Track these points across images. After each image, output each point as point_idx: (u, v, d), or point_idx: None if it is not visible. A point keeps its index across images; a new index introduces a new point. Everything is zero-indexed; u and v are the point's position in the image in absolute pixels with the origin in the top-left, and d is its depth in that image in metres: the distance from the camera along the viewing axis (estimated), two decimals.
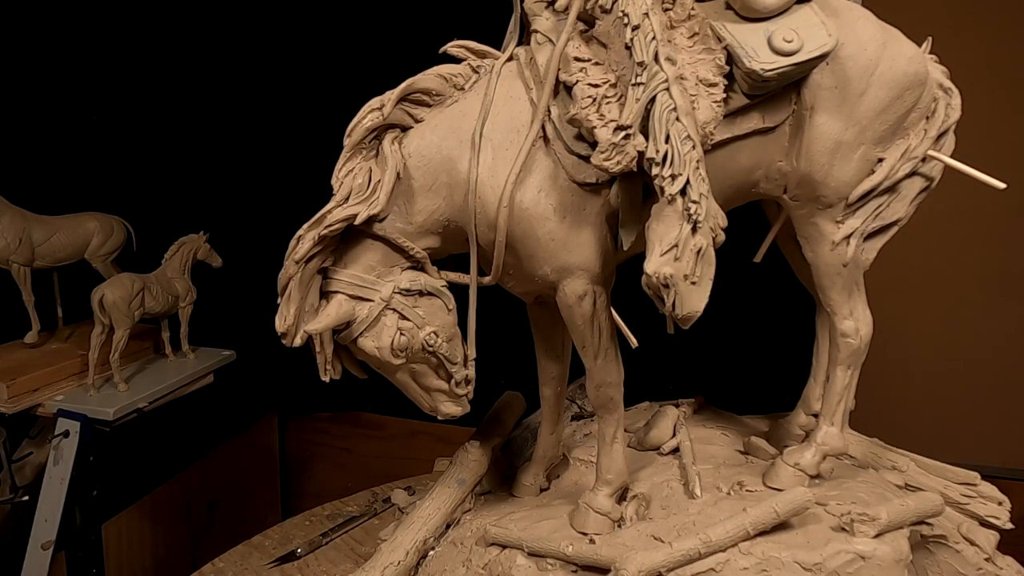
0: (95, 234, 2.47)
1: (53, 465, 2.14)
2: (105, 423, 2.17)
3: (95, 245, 2.47)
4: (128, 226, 2.58)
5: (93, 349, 2.23)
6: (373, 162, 1.25)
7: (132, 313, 2.26)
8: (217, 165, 2.83)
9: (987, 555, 1.38)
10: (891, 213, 1.32)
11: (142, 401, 2.25)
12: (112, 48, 2.81)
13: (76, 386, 2.30)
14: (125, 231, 2.57)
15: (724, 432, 1.59)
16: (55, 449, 2.14)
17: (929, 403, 2.44)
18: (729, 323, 1.93)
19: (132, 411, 2.22)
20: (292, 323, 1.22)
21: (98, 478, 2.19)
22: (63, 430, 2.14)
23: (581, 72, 1.18)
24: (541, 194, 1.21)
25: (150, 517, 2.37)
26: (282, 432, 3.06)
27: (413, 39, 1.70)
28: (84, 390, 2.26)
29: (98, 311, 2.21)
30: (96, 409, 2.17)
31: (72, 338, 2.51)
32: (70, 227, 2.44)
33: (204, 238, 2.55)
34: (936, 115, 1.30)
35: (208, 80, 2.79)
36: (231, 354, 2.64)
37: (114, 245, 2.53)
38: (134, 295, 2.26)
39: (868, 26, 1.25)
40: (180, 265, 2.48)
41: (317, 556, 1.77)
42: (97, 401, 2.21)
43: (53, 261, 2.42)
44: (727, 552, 1.21)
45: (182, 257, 2.49)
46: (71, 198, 2.58)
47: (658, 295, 1.09)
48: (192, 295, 2.50)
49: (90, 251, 2.47)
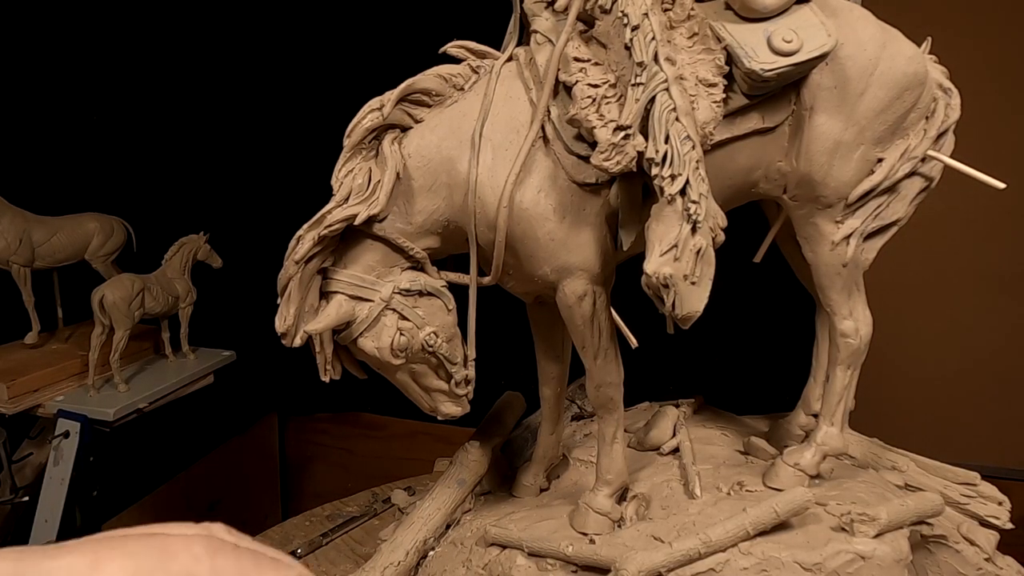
0: (95, 235, 2.48)
1: (53, 465, 2.15)
2: (105, 424, 2.17)
3: (95, 246, 2.48)
4: (128, 227, 2.59)
5: (93, 350, 2.23)
6: (373, 162, 1.25)
7: (132, 314, 2.26)
8: (217, 165, 2.84)
9: (987, 555, 1.39)
10: (891, 213, 1.33)
11: (142, 402, 2.25)
12: (112, 48, 2.81)
13: (76, 387, 2.30)
14: (125, 232, 2.57)
15: (724, 432, 1.59)
16: (55, 449, 2.14)
17: (929, 403, 2.44)
18: (729, 323, 1.94)
19: (132, 412, 2.22)
20: (292, 323, 1.23)
21: (98, 479, 2.20)
22: (63, 430, 2.15)
23: (581, 72, 1.19)
24: (541, 194, 1.22)
25: (150, 517, 2.36)
26: (282, 432, 3.07)
27: (413, 39, 1.70)
28: (84, 390, 2.27)
29: (98, 312, 2.22)
30: (96, 410, 2.18)
31: (72, 339, 2.52)
32: (70, 228, 2.44)
33: (204, 238, 2.55)
34: (936, 115, 1.31)
35: (208, 80, 2.79)
36: (231, 355, 2.65)
37: (114, 246, 2.53)
38: (134, 295, 2.27)
39: (867, 26, 1.26)
40: (180, 265, 2.48)
41: (317, 556, 1.77)
42: (97, 402, 2.22)
43: (53, 262, 2.42)
44: (727, 552, 1.22)
45: (182, 258, 2.49)
46: (71, 199, 2.59)
47: (658, 295, 1.09)
48: (192, 296, 2.50)
49: (90, 252, 2.48)
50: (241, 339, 2.67)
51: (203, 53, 2.77)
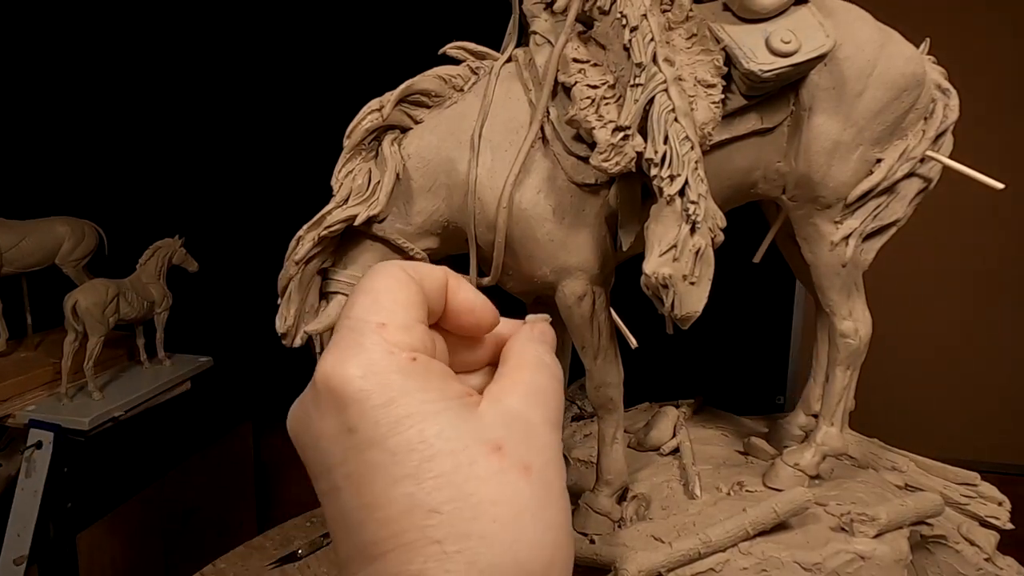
0: (65, 239, 2.50)
1: (25, 478, 2.17)
2: (80, 433, 2.20)
3: (66, 250, 2.50)
4: (100, 230, 2.61)
5: (66, 357, 2.26)
6: (372, 163, 1.30)
7: (107, 320, 2.29)
8: (192, 167, 2.86)
9: (987, 555, 1.43)
10: (890, 214, 1.38)
11: (118, 410, 2.28)
12: (80, 47, 2.83)
13: (48, 395, 2.32)
14: (97, 235, 2.59)
15: (724, 433, 1.65)
16: (27, 461, 2.16)
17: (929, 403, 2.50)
18: (729, 323, 1.97)
19: (108, 420, 2.25)
20: (292, 324, 1.28)
21: (73, 490, 2.23)
22: (35, 441, 2.17)
23: (580, 73, 1.23)
24: (540, 195, 1.26)
25: (122, 527, 2.42)
26: (257, 438, 3.09)
27: (412, 40, 1.74)
28: (57, 399, 2.29)
29: (71, 318, 2.24)
30: (70, 419, 2.20)
31: (42, 346, 2.54)
32: (39, 232, 2.46)
33: (180, 242, 2.58)
34: (934, 116, 1.35)
35: (182, 78, 2.82)
36: (208, 360, 2.68)
37: (85, 250, 2.55)
38: (109, 301, 2.29)
39: (865, 27, 1.30)
40: (155, 270, 2.51)
41: (318, 557, 1.81)
42: (71, 410, 2.24)
43: (22, 267, 2.44)
44: (727, 552, 1.27)
45: (157, 262, 2.52)
46: (40, 202, 2.61)
47: (657, 295, 1.13)
48: (168, 301, 2.53)
49: (60, 256, 2.50)
50: (218, 344, 2.71)
51: (177, 50, 2.80)
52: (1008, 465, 2.40)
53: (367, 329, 0.51)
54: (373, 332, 0.51)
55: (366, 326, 0.51)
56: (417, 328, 0.53)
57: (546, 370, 0.56)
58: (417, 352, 0.51)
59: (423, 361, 0.51)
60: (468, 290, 0.58)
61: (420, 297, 0.54)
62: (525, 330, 0.61)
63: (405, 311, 0.53)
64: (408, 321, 0.52)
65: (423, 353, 0.52)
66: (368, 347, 0.50)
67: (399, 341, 0.51)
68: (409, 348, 0.51)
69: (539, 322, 0.63)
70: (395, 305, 0.52)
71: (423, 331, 0.53)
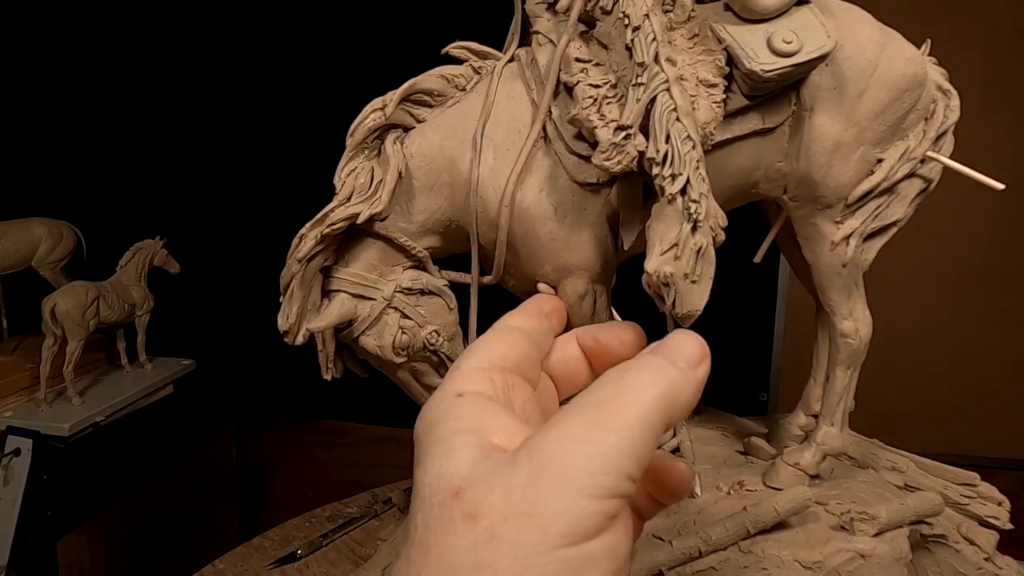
0: (43, 240, 2.55)
1: (3, 486, 2.23)
2: (60, 439, 2.26)
3: (43, 252, 2.56)
4: (78, 232, 2.67)
5: (44, 361, 2.32)
6: (375, 162, 1.36)
7: (87, 323, 2.35)
8: (173, 167, 2.92)
9: (987, 555, 1.50)
10: (890, 214, 1.44)
11: (99, 415, 2.36)
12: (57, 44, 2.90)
13: (26, 401, 2.40)
14: (75, 237, 2.66)
15: (724, 432, 1.71)
16: (5, 469, 2.23)
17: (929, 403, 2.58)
18: (712, 321, 2.03)
19: (89, 425, 2.32)
20: (294, 321, 1.35)
21: (53, 497, 2.27)
22: (13, 448, 2.23)
23: (582, 73, 1.28)
24: (542, 194, 1.32)
25: (102, 534, 2.46)
26: (240, 442, 3.14)
27: (415, 40, 1.81)
28: (35, 405, 2.36)
29: (49, 321, 2.31)
30: (49, 425, 2.27)
31: (19, 350, 2.61)
32: (15, 233, 2.53)
33: (161, 243, 2.64)
34: (935, 116, 1.41)
35: (162, 77, 2.88)
36: (191, 363, 2.75)
37: (63, 252, 2.62)
38: (88, 304, 2.36)
39: (867, 28, 1.36)
40: (136, 272, 2.58)
41: (317, 557, 1.87)
42: (50, 416, 2.31)
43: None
44: (727, 550, 1.33)
45: (138, 264, 2.59)
46: (16, 203, 2.67)
47: (658, 294, 1.18)
48: (149, 303, 2.60)
49: (37, 258, 2.56)
50: (201, 347, 2.77)
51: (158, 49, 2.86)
52: (1009, 460, 2.47)
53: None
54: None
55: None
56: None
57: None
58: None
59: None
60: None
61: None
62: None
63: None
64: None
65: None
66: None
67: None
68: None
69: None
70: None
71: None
